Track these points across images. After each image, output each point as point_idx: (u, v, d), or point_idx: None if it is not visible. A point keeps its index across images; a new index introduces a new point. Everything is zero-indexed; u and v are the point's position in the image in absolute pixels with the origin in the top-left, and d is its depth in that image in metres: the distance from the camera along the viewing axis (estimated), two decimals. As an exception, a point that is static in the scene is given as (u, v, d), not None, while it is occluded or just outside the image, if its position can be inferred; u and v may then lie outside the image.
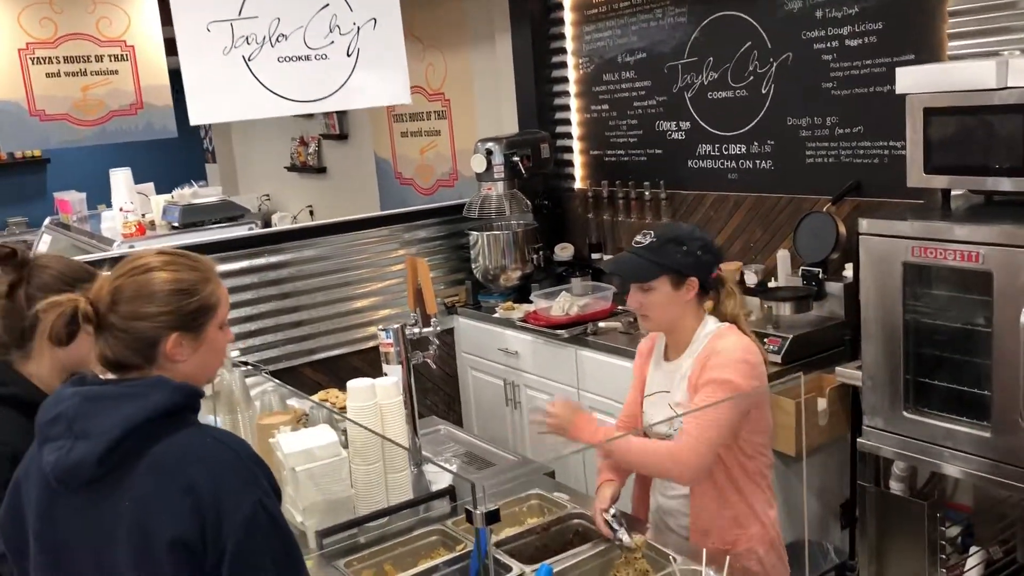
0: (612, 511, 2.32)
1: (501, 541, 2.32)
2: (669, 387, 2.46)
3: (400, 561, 2.32)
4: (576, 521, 2.45)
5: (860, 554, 3.29)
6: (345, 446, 2.43)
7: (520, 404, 4.63)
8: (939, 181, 2.92)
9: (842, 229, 3.74)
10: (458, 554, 2.28)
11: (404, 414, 2.63)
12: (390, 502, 2.49)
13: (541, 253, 4.87)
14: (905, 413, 2.93)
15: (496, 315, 4.70)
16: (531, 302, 4.61)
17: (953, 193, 3.04)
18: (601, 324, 4.22)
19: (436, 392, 5.10)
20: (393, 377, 2.59)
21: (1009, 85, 2.66)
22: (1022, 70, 2.65)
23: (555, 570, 2.12)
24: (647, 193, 4.64)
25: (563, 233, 5.19)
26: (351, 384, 2.44)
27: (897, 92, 2.94)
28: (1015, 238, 2.55)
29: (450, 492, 2.59)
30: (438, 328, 2.75)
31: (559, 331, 4.26)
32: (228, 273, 4.45)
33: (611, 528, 2.28)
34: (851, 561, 3.53)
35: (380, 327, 2.75)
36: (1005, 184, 2.70)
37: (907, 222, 2.82)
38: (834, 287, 3.73)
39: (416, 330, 2.75)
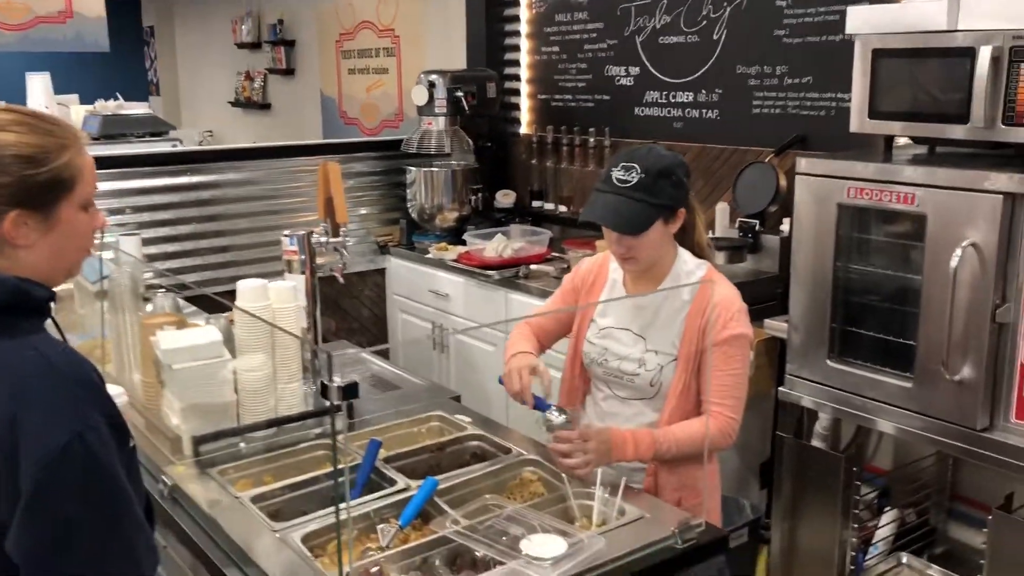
0: (545, 382, 2.16)
1: (392, 457, 2.18)
2: (634, 324, 2.23)
3: (283, 473, 2.16)
4: (475, 443, 2.31)
5: (774, 510, 3.20)
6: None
7: (448, 348, 4.48)
8: (883, 127, 2.81)
9: (783, 181, 3.63)
10: (343, 466, 2.12)
11: (302, 327, 2.46)
12: (278, 413, 2.33)
13: (480, 195, 4.72)
14: (829, 362, 2.83)
15: (429, 256, 4.54)
16: (465, 244, 4.45)
17: (896, 144, 2.94)
18: (533, 267, 4.09)
19: (363, 333, 4.94)
20: (291, 281, 2.42)
21: (959, 27, 2.56)
22: (973, 11, 2.53)
23: (443, 486, 1.98)
24: (592, 140, 4.50)
25: (505, 179, 5.04)
26: (241, 283, 2.26)
27: (847, 32, 2.82)
28: (952, 180, 2.46)
29: (348, 408, 2.43)
30: (348, 240, 2.57)
31: (490, 272, 4.12)
32: (148, 190, 4.24)
33: (536, 402, 2.12)
34: (765, 519, 3.45)
35: (284, 233, 2.57)
36: (950, 132, 2.59)
37: (845, 162, 2.71)
38: (770, 240, 3.63)
39: (324, 239, 2.58)
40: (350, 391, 1.30)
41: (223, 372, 2.18)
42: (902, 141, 2.96)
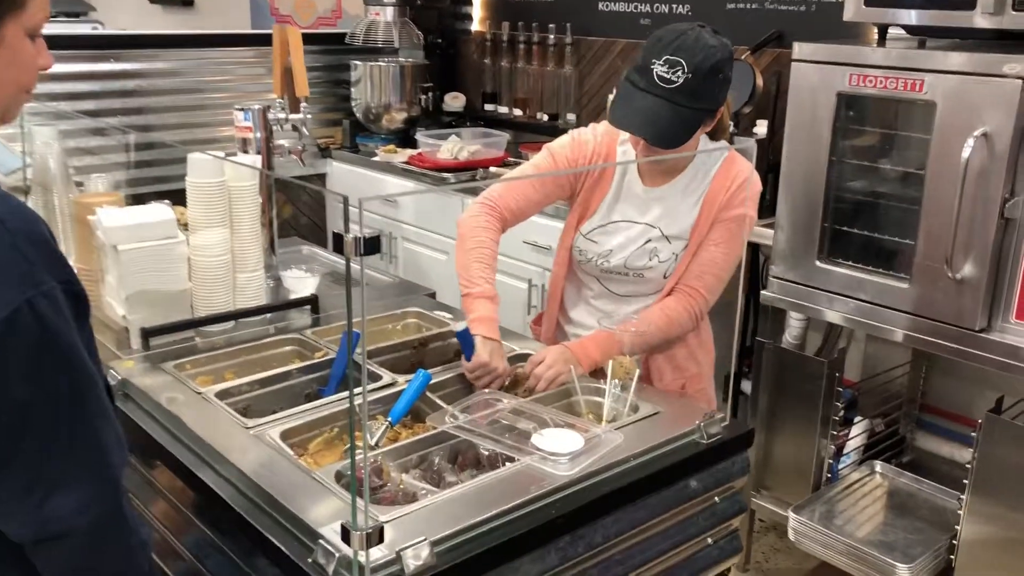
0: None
1: (371, 352, 1.95)
2: (648, 214, 1.99)
3: (246, 370, 1.92)
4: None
5: (750, 417, 3.10)
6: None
7: (397, 258, 4.23)
8: (880, 15, 2.63)
9: (760, 80, 3.45)
10: (316, 361, 1.90)
11: (259, 214, 2.20)
12: (237, 305, 2.07)
13: (430, 95, 4.42)
14: (818, 262, 2.70)
15: (376, 159, 4.25)
16: (415, 147, 4.18)
17: (889, 35, 2.77)
18: (492, 169, 3.85)
19: (307, 242, 4.64)
20: (250, 157, 2.14)
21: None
22: None
23: (435, 380, 1.78)
24: (551, 38, 4.23)
25: (455, 81, 4.74)
26: (192, 156, 1.97)
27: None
28: (967, 65, 2.30)
29: (312, 302, 2.19)
30: (308, 116, 2.30)
31: (445, 175, 3.87)
32: (65, 76, 3.82)
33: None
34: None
35: (237, 107, 2.27)
36: (955, 19, 2.42)
37: (849, 46, 2.54)
38: (744, 143, 3.46)
39: (282, 115, 2.29)
40: (372, 245, 1.07)
41: (176, 255, 1.91)
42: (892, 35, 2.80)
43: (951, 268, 2.36)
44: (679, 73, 1.77)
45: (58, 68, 3.73)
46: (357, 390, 1.46)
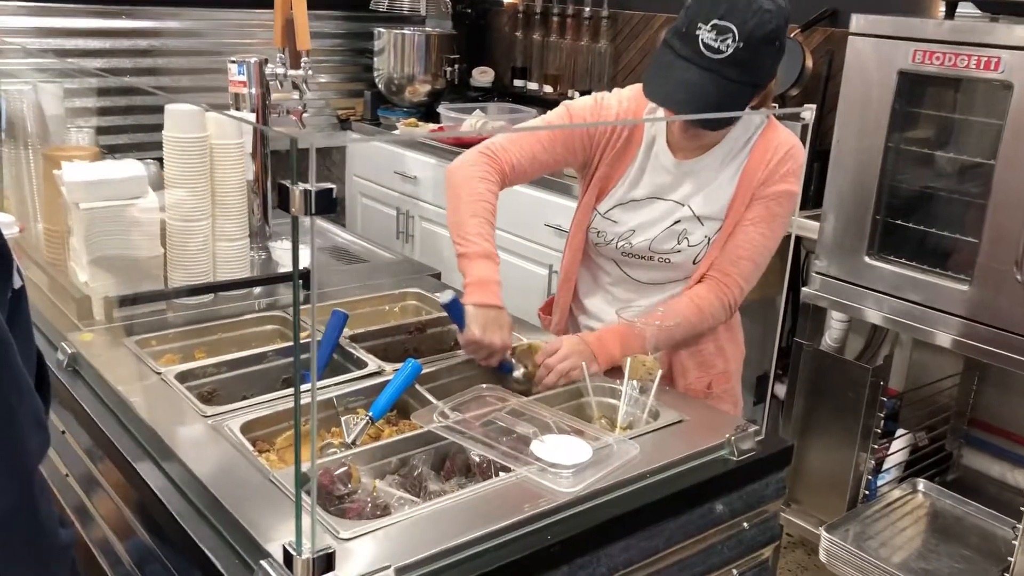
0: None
1: (360, 336, 1.74)
2: (677, 191, 1.74)
3: (220, 349, 1.71)
4: (461, 326, 1.87)
5: (782, 427, 2.86)
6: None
7: (413, 237, 4.02)
8: (950, -12, 2.37)
9: (809, 61, 3.19)
10: (300, 343, 1.67)
11: (248, 177, 1.98)
12: (217, 277, 1.86)
13: (456, 68, 4.19)
14: (867, 259, 2.44)
15: (396, 132, 4.03)
16: (439, 122, 3.96)
17: (959, 13, 2.50)
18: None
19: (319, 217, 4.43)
20: (237, 112, 1.93)
21: None
22: None
23: (427, 370, 1.55)
24: (587, 11, 3.98)
25: (483, 55, 4.51)
26: (171, 107, 1.76)
27: None
28: (1051, 41, 2.04)
29: (302, 277, 1.97)
30: (310, 72, 2.08)
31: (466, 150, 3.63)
32: (74, 32, 3.64)
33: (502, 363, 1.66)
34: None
35: (231, 59, 2.06)
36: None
37: (914, 19, 2.28)
38: (791, 129, 3.19)
39: (281, 71, 2.08)
40: (324, 200, 0.85)
41: (146, 216, 1.70)
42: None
43: (1020, 270, 2.10)
44: (728, 42, 1.51)
45: (66, 23, 3.58)
46: (305, 388, 1.23)
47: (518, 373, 1.65)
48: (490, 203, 1.70)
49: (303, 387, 1.47)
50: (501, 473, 1.30)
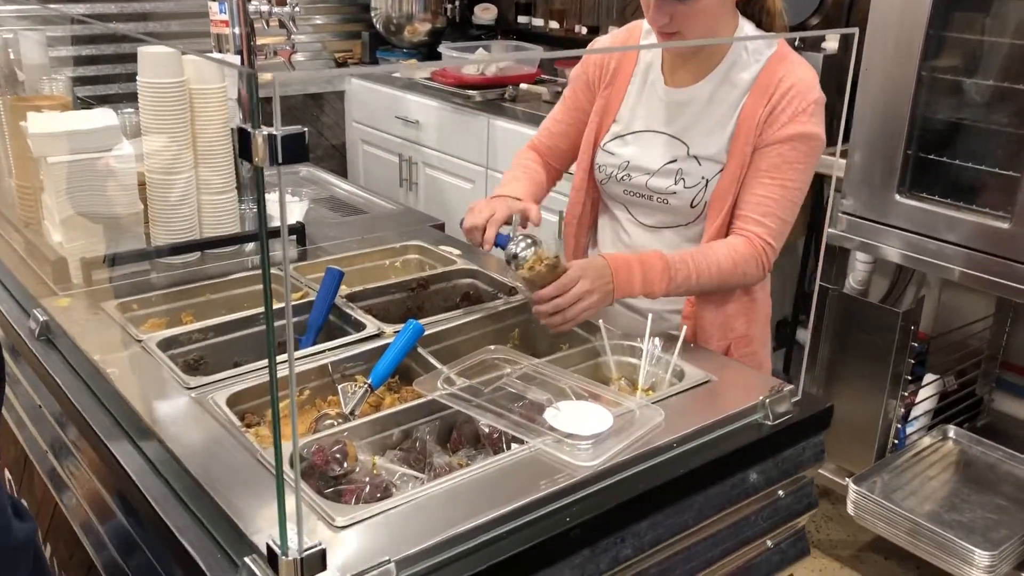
0: (513, 226, 1.53)
1: (358, 295, 1.61)
2: (673, 124, 1.62)
3: (209, 312, 1.59)
4: (467, 281, 1.75)
5: (805, 374, 2.74)
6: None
7: (417, 185, 3.87)
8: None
9: (831, -13, 2.99)
10: (294, 303, 1.56)
11: (234, 125, 1.84)
12: (204, 234, 1.74)
13: (457, 4, 4.00)
14: (898, 197, 2.30)
15: (397, 75, 3.86)
16: (440, 60, 3.78)
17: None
18: (523, 87, 3.45)
19: (317, 165, 4.29)
20: (217, 55, 1.78)
21: None
22: None
23: (430, 332, 1.43)
24: (593, -60, 3.78)
25: (486, -10, 4.31)
26: (144, 49, 1.61)
27: None
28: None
29: (297, 232, 1.85)
30: (297, 9, 1.92)
31: (470, 92, 3.47)
32: (53, -25, 3.46)
33: (497, 239, 1.51)
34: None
35: (212, -4, 1.90)
36: None
37: (951, -68, 2.10)
38: (811, 60, 3.01)
39: (265, 8, 1.92)
40: (292, 146, 0.71)
41: (122, 167, 1.56)
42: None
43: (1067, 206, 1.96)
44: None
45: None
46: (282, 358, 1.10)
47: (519, 247, 1.45)
48: (525, 167, 1.74)
49: (307, 350, 1.37)
50: (513, 444, 1.18)
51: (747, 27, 1.57)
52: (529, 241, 1.45)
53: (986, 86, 2.16)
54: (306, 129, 0.73)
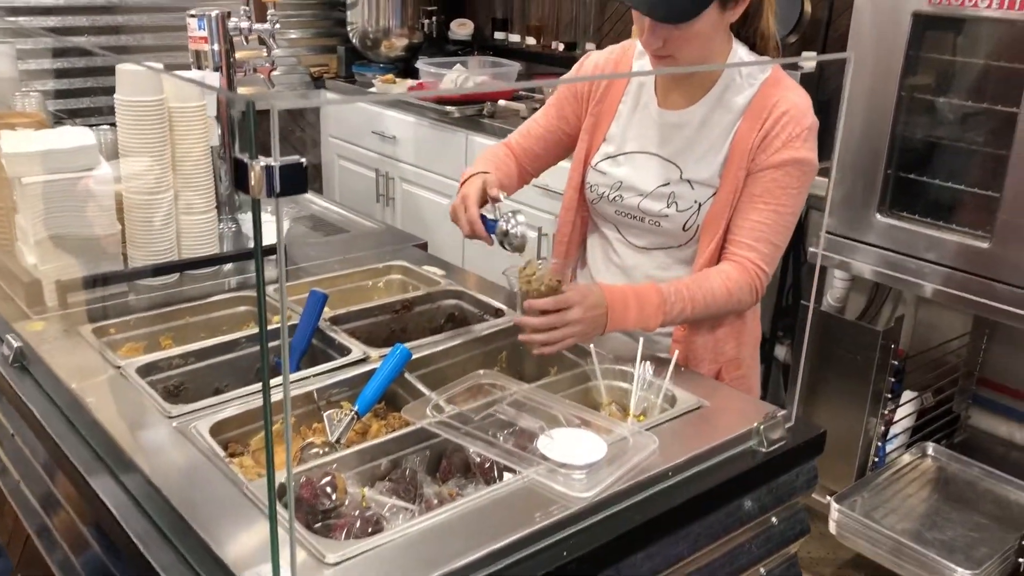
0: (501, 198, 1.50)
1: (341, 318, 1.58)
2: (666, 147, 1.60)
3: (189, 336, 1.55)
4: (452, 302, 1.72)
5: (786, 390, 2.74)
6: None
7: (394, 200, 3.85)
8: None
9: (807, 5, 3.03)
10: (275, 325, 1.52)
11: (213, 143, 1.81)
12: (183, 255, 1.70)
13: (434, 20, 3.99)
14: (879, 216, 2.31)
15: (373, 90, 3.84)
16: (417, 77, 3.76)
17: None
18: (501, 104, 3.44)
19: (293, 181, 4.24)
20: (196, 72, 1.75)
21: None
22: None
23: (417, 356, 1.40)
24: (570, -43, 3.78)
25: (462, 6, 4.31)
26: (122, 67, 1.58)
27: None
28: (1082, -23, 1.88)
29: (272, 252, 1.81)
30: (277, 26, 1.89)
31: (448, 108, 3.45)
32: (24, -12, 3.41)
33: (487, 220, 1.49)
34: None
35: (191, 13, 1.87)
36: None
37: (930, -44, 2.11)
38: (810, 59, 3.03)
39: (245, 25, 1.89)
40: (291, 177, 0.69)
41: (100, 189, 1.53)
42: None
43: (1047, 227, 1.97)
44: None
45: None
46: (276, 382, 1.07)
47: (509, 224, 1.43)
48: (499, 157, 1.71)
49: (293, 376, 1.33)
50: (505, 474, 1.16)
51: (741, 50, 1.57)
52: (521, 218, 1.44)
53: (963, 106, 2.17)
54: (303, 160, 0.70)
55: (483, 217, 1.50)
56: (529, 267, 1.41)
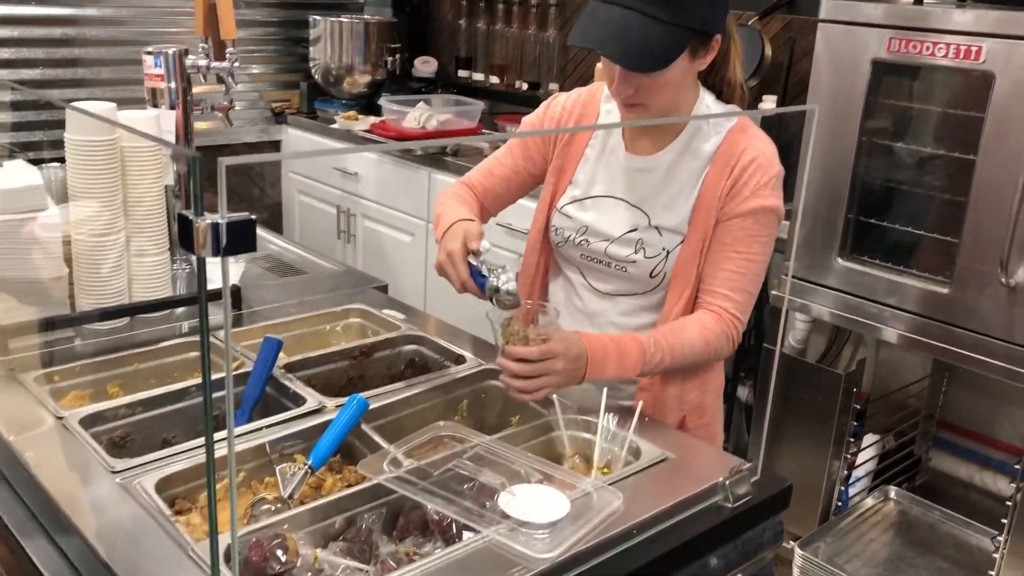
0: (483, 250, 1.48)
1: (297, 365, 1.54)
2: (633, 192, 1.59)
3: (137, 384, 1.50)
4: (411, 348, 1.69)
5: (752, 437, 2.73)
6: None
7: (355, 237, 3.81)
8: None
9: (768, 50, 3.06)
10: (222, 375, 1.47)
11: (168, 182, 1.76)
12: (133, 298, 1.64)
13: (398, 57, 3.98)
14: (840, 260, 2.31)
15: (335, 126, 3.80)
16: (379, 114, 3.74)
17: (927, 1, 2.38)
18: (464, 142, 3.43)
19: (253, 217, 4.19)
20: (152, 111, 1.71)
21: None
22: None
23: (374, 406, 1.36)
24: (534, -2, 3.80)
25: (426, 44, 4.31)
26: (72, 105, 1.53)
27: None
28: (1036, 29, 1.91)
29: (232, 294, 1.76)
30: (236, 64, 1.86)
31: (411, 145, 3.43)
32: (-23, 20, 3.34)
33: (476, 273, 1.46)
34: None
35: (147, 50, 1.83)
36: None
37: (889, 5, 2.14)
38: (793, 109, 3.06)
39: (203, 63, 1.85)
40: (239, 234, 0.65)
41: (47, 235, 1.47)
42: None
43: (1006, 272, 1.98)
44: None
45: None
46: (220, 436, 1.02)
47: (499, 280, 1.42)
48: (462, 196, 1.67)
49: (244, 427, 1.29)
50: (465, 533, 1.12)
51: (707, 98, 1.57)
52: (510, 274, 1.42)
53: (922, 152, 2.20)
54: (253, 217, 0.67)
55: (472, 268, 1.46)
56: (514, 323, 1.39)
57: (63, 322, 1.54)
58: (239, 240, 0.66)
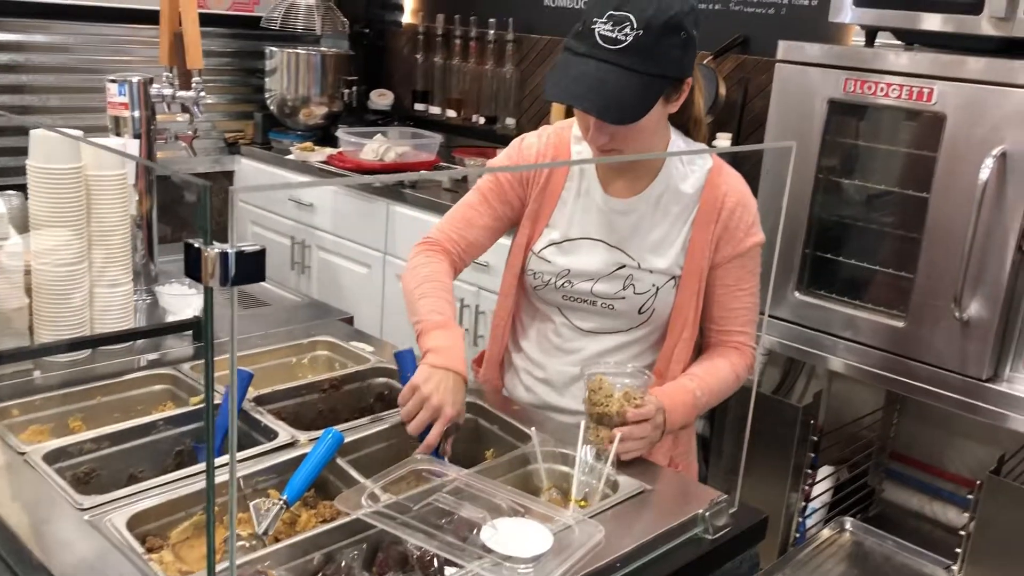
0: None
1: (266, 398, 1.51)
2: (613, 234, 1.61)
3: (100, 418, 1.46)
4: (382, 380, 1.67)
5: (711, 470, 2.75)
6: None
7: (310, 268, 3.77)
8: (872, 17, 2.30)
9: (722, 89, 3.13)
10: (192, 408, 1.44)
11: (132, 211, 1.73)
12: (95, 329, 1.60)
13: (354, 90, 3.98)
14: (797, 294, 2.36)
15: (290, 157, 3.78)
16: (335, 146, 3.73)
17: (877, 43, 2.45)
18: (422, 174, 3.42)
19: (204, 247, 4.12)
20: (117, 139, 1.68)
21: None
22: None
23: (349, 439, 1.34)
24: (491, 34, 3.83)
25: (383, 77, 4.31)
26: (36, 132, 1.50)
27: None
28: (986, 74, 1.99)
29: (194, 326, 1.73)
30: (202, 94, 1.84)
31: (368, 178, 3.42)
32: (-78, 44, 3.26)
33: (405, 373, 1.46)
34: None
35: (110, 78, 1.81)
36: (961, 24, 2.10)
37: (845, 47, 2.21)
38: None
39: (169, 91, 1.83)
40: (249, 265, 0.64)
41: (10, 264, 1.43)
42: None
43: (959, 307, 2.04)
44: (627, 30, 1.41)
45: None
46: (222, 462, 1.00)
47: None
48: (437, 279, 1.60)
49: (192, 470, 1.25)
50: (447, 568, 1.10)
51: (678, 139, 1.60)
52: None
53: (880, 191, 2.26)
54: (263, 248, 0.66)
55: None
56: (606, 386, 1.42)
57: (23, 354, 1.49)
58: (249, 270, 0.65)
